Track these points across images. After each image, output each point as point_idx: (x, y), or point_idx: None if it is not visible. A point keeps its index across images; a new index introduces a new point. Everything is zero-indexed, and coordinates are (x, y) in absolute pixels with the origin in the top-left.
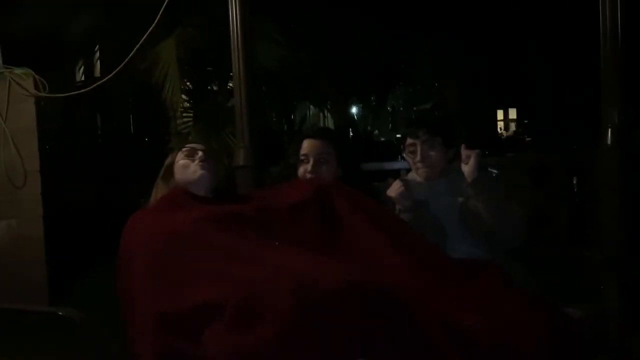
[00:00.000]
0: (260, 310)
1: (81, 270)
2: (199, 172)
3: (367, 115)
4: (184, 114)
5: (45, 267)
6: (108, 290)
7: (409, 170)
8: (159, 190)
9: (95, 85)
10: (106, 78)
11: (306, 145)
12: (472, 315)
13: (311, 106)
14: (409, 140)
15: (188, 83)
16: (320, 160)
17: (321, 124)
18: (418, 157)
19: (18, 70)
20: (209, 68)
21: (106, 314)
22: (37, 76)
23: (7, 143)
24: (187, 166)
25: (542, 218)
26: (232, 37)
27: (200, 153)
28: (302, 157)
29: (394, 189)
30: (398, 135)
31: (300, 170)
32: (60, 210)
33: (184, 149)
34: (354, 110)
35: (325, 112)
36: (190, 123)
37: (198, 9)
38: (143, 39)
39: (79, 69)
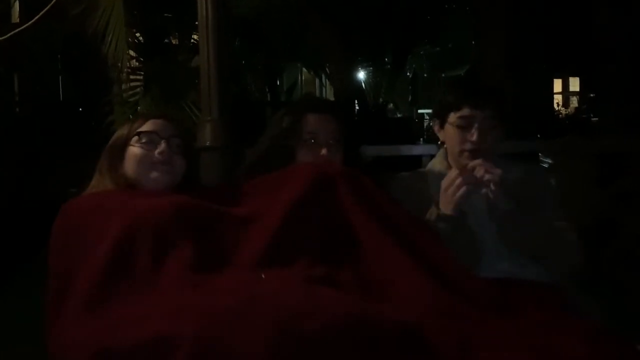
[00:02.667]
0: (226, 348)
1: None
2: (159, 178)
3: (379, 83)
4: (132, 77)
5: None
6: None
7: (432, 156)
8: (101, 182)
9: (11, 33)
10: (25, 25)
11: (313, 121)
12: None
13: (303, 69)
14: (466, 111)
15: (138, 34)
16: (333, 143)
17: (317, 94)
18: (474, 135)
19: None
20: (166, 14)
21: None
22: None
23: None
24: (141, 159)
25: (613, 226)
26: None
27: (163, 145)
28: (308, 137)
29: (453, 184)
30: (422, 111)
31: (308, 155)
32: None
33: (141, 131)
34: (361, 75)
35: (323, 77)
36: (140, 89)
37: None
38: None
39: None
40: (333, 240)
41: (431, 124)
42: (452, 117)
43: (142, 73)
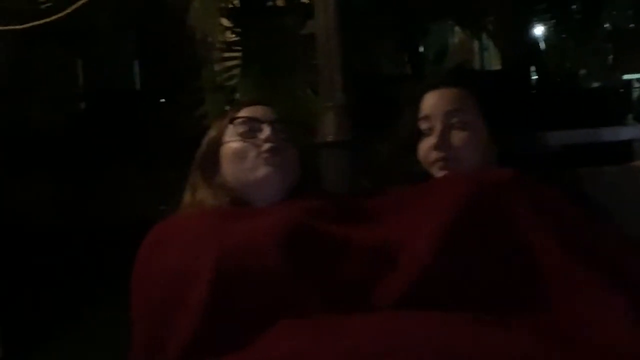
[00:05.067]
0: None
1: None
2: (270, 176)
3: (564, 42)
4: (226, 54)
5: None
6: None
7: None
8: (198, 192)
9: (72, 8)
10: None
11: (429, 101)
12: None
13: (455, 28)
14: None
15: None
16: (454, 127)
17: (476, 62)
18: None
19: None
20: None
21: None
22: None
23: None
24: (242, 154)
25: None
26: None
27: (267, 130)
28: (422, 124)
29: None
30: (628, 77)
31: (422, 147)
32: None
33: (236, 119)
34: (538, 32)
35: (484, 38)
36: (238, 69)
37: None
38: None
39: None
40: (502, 271)
41: None
42: None
43: (240, 48)
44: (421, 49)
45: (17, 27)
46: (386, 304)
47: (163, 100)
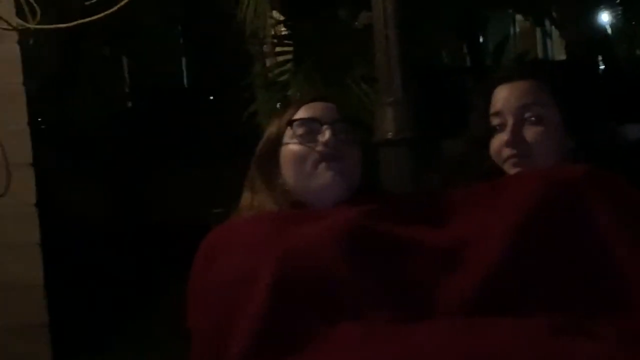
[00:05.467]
0: None
1: (99, 330)
2: (329, 181)
3: (635, 28)
4: (278, 49)
5: (47, 334)
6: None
7: None
8: (257, 195)
9: (120, 4)
10: None
11: (500, 95)
12: None
13: (517, 16)
14: None
15: None
16: (527, 122)
17: (537, 53)
18: None
19: None
20: None
21: None
22: None
23: None
24: (302, 158)
25: None
26: None
27: (327, 133)
28: (494, 120)
29: None
30: None
31: (494, 144)
32: (66, 230)
33: (295, 120)
34: (604, 18)
35: (548, 26)
36: (290, 64)
37: None
38: None
39: None
40: (576, 273)
41: None
42: None
43: (292, 42)
44: (481, 39)
45: (63, 25)
46: (455, 305)
47: (212, 97)
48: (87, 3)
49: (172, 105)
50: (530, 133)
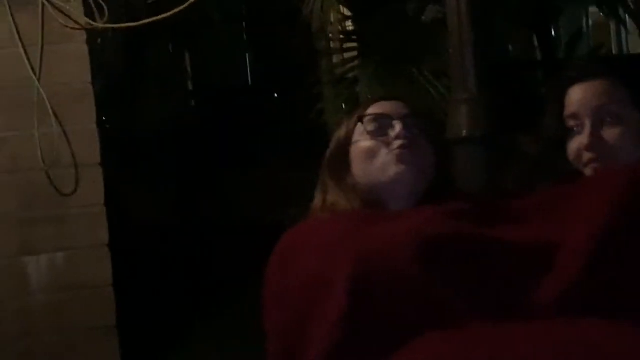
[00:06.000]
0: None
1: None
2: (402, 175)
3: None
4: (346, 45)
5: (116, 336)
6: None
7: None
8: (329, 195)
9: (189, 2)
10: None
11: (575, 97)
12: None
13: (591, 8)
14: None
15: None
16: (606, 123)
17: (614, 47)
18: None
19: None
20: None
21: None
22: None
23: (44, 116)
24: (373, 153)
25: None
26: None
27: (398, 126)
28: (570, 122)
29: None
30: None
31: (572, 148)
32: (136, 231)
33: (365, 116)
34: None
35: (626, 17)
36: (358, 60)
37: None
38: None
39: None
40: None
41: None
42: None
43: (358, 38)
44: (553, 32)
45: (132, 24)
46: (544, 306)
47: (276, 95)
48: (149, 1)
49: (237, 103)
50: (609, 134)
